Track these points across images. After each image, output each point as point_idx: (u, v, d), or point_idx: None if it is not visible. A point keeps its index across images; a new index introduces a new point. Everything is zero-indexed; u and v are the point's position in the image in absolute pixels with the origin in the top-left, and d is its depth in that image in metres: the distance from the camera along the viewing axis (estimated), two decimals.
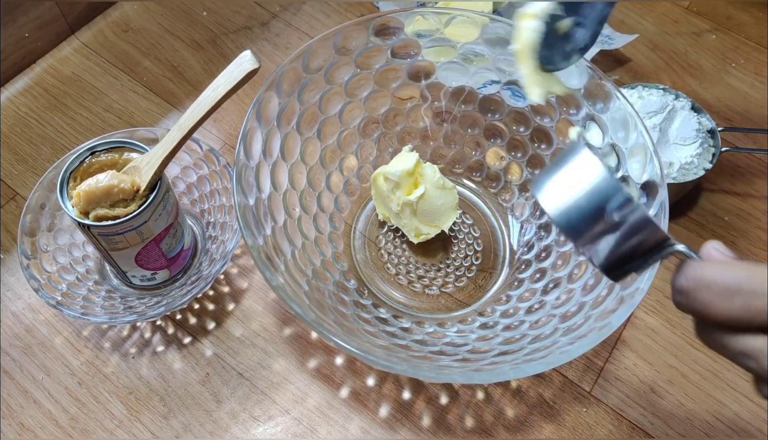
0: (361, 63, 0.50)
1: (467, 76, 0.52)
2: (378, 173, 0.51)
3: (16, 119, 0.61)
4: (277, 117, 0.47)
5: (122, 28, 0.67)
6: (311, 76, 0.48)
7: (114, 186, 0.42)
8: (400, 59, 0.51)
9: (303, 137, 0.50)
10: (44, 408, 0.47)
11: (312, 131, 0.51)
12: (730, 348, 0.25)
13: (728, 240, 0.55)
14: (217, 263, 0.48)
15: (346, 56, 0.49)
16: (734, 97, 0.63)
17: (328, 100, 0.50)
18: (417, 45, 0.50)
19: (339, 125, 0.52)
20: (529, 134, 0.52)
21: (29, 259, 0.48)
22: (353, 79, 0.50)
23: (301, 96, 0.48)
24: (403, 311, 0.50)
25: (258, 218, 0.43)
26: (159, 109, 0.62)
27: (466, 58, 0.50)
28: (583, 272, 0.45)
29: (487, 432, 0.46)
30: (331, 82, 0.50)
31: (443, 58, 0.51)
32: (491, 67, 0.50)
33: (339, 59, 0.49)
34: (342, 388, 0.48)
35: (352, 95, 0.51)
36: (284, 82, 0.46)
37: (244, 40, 0.67)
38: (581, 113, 0.48)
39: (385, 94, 0.53)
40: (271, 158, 0.47)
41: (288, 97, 0.47)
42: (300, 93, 0.48)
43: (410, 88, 0.53)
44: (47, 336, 0.50)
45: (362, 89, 0.52)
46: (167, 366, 0.48)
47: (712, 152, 0.53)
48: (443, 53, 0.50)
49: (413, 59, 0.51)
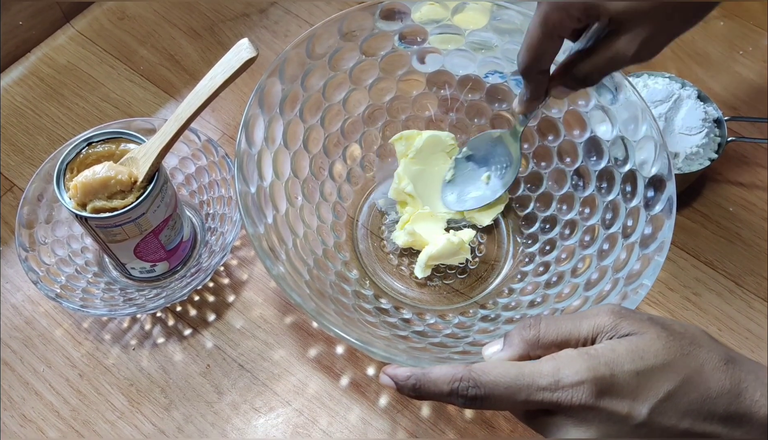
0: (367, 49, 0.49)
1: (475, 64, 0.51)
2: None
3: (12, 108, 0.60)
4: (280, 104, 0.46)
5: (118, 15, 0.66)
6: (315, 62, 0.47)
7: (111, 178, 0.42)
8: (406, 45, 0.50)
9: (306, 124, 0.49)
10: (45, 400, 0.47)
11: (315, 119, 0.50)
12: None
13: (732, 231, 0.54)
14: (217, 254, 0.48)
15: (351, 42, 0.48)
16: (741, 85, 0.63)
17: (332, 87, 0.50)
18: (424, 31, 0.49)
19: (343, 113, 0.52)
20: (536, 124, 0.51)
21: (27, 251, 0.47)
22: (358, 66, 0.50)
23: (305, 82, 0.47)
24: (404, 303, 0.50)
25: (259, 207, 0.42)
26: (156, 98, 0.61)
27: (474, 46, 0.49)
28: (587, 267, 0.45)
29: (487, 423, 0.46)
30: (335, 69, 0.49)
31: (450, 45, 0.50)
32: (499, 56, 0.50)
33: (344, 45, 0.48)
34: (342, 378, 0.48)
35: (356, 82, 0.51)
36: (287, 68, 0.45)
37: (242, 27, 0.66)
38: (590, 104, 0.47)
39: (390, 81, 0.52)
40: (273, 146, 0.46)
41: (291, 84, 0.46)
42: (303, 79, 0.47)
43: (416, 76, 0.52)
44: (47, 327, 0.50)
45: (367, 76, 0.51)
46: (168, 358, 0.48)
47: (717, 141, 0.52)
48: (451, 41, 0.50)
49: (420, 46, 0.50)
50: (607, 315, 0.30)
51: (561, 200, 0.51)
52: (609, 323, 0.29)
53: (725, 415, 0.28)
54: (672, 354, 0.28)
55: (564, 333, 0.30)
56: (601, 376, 0.28)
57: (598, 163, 0.48)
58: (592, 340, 0.30)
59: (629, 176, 0.45)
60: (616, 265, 0.43)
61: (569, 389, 0.28)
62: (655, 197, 0.42)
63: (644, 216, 0.43)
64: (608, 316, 0.30)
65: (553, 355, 0.29)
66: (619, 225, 0.44)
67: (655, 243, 0.41)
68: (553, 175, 0.51)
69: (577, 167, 0.49)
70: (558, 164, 0.51)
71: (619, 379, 0.28)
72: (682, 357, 0.28)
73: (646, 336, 0.29)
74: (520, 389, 0.28)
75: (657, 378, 0.28)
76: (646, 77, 0.55)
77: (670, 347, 0.28)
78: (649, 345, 0.28)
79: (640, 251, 0.41)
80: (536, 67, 0.38)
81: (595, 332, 0.30)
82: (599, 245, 0.45)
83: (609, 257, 0.44)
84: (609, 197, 0.46)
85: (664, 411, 0.28)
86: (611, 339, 0.29)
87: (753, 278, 0.52)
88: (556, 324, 0.30)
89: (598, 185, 0.47)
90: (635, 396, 0.28)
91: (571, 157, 0.50)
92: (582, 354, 0.29)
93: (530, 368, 0.29)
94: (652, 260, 0.40)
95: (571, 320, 0.30)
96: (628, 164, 0.45)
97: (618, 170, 0.46)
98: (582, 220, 0.48)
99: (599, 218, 0.46)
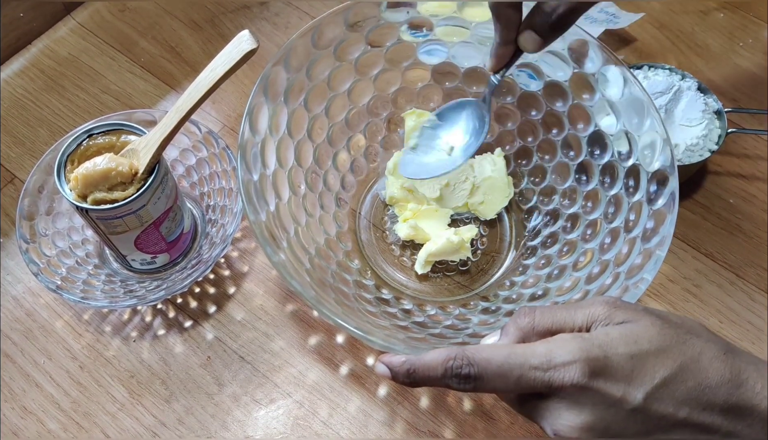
0: (372, 40, 0.49)
1: (481, 56, 0.51)
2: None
3: (13, 100, 0.60)
4: (285, 93, 0.46)
5: (119, 7, 0.66)
6: (321, 52, 0.47)
7: (112, 169, 0.42)
8: (413, 37, 0.50)
9: (311, 113, 0.49)
10: (46, 392, 0.47)
11: (320, 108, 0.50)
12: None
13: (733, 223, 0.54)
14: (218, 246, 0.48)
15: (357, 33, 0.48)
16: (741, 77, 0.62)
17: (338, 77, 0.50)
18: (430, 23, 0.49)
19: (348, 103, 0.51)
20: (540, 118, 0.51)
21: (28, 243, 0.47)
22: (363, 56, 0.50)
23: (310, 72, 0.47)
24: (405, 293, 0.50)
25: (261, 194, 0.42)
26: (157, 90, 0.61)
27: (480, 39, 0.49)
28: (589, 261, 0.45)
29: (487, 415, 0.46)
30: (341, 59, 0.49)
31: (456, 38, 0.50)
32: None
33: (350, 35, 0.48)
34: (342, 368, 0.48)
35: (362, 73, 0.51)
36: (293, 57, 0.45)
37: (242, 19, 0.66)
38: (595, 97, 0.47)
39: (395, 72, 0.52)
40: (277, 134, 0.46)
41: (296, 73, 0.46)
42: (309, 69, 0.47)
43: (421, 67, 0.52)
44: (48, 319, 0.50)
45: (372, 67, 0.51)
46: (168, 350, 0.48)
47: (718, 133, 0.52)
48: (456, 33, 0.49)
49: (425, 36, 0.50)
50: (602, 305, 0.30)
51: (564, 193, 0.50)
52: (603, 313, 0.29)
53: (725, 406, 0.27)
54: (667, 341, 0.28)
55: (559, 321, 0.30)
56: (594, 357, 0.28)
57: (601, 157, 0.47)
58: (587, 329, 0.30)
59: (632, 170, 0.45)
60: (618, 259, 0.43)
61: (561, 368, 0.28)
62: (657, 192, 0.42)
63: (646, 211, 0.42)
64: (603, 306, 0.30)
65: (547, 339, 0.29)
66: (622, 219, 0.44)
67: (656, 237, 0.41)
68: (556, 168, 0.51)
69: (580, 161, 0.49)
70: (562, 157, 0.51)
71: (613, 362, 0.28)
72: (678, 344, 0.28)
73: (640, 323, 0.29)
74: (512, 367, 0.28)
75: (652, 363, 0.28)
76: (646, 69, 0.55)
77: (665, 334, 0.28)
78: (643, 331, 0.28)
79: (642, 245, 0.41)
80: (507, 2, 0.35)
81: (590, 321, 0.30)
82: (601, 238, 0.45)
83: (611, 251, 0.44)
84: (612, 191, 0.46)
85: (661, 397, 0.27)
86: (606, 326, 0.29)
87: (753, 270, 0.52)
88: (551, 313, 0.30)
89: (601, 179, 0.47)
90: (629, 380, 0.27)
91: (574, 150, 0.50)
92: (576, 337, 0.29)
93: (523, 348, 0.29)
94: (654, 255, 0.40)
95: (566, 309, 0.30)
96: (631, 159, 0.45)
97: (621, 165, 0.46)
98: (584, 214, 0.48)
99: (602, 212, 0.46)
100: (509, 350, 0.29)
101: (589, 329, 0.30)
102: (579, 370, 0.27)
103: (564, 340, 0.28)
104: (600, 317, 0.29)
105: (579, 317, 0.30)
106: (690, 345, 0.28)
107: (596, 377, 0.27)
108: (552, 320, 0.30)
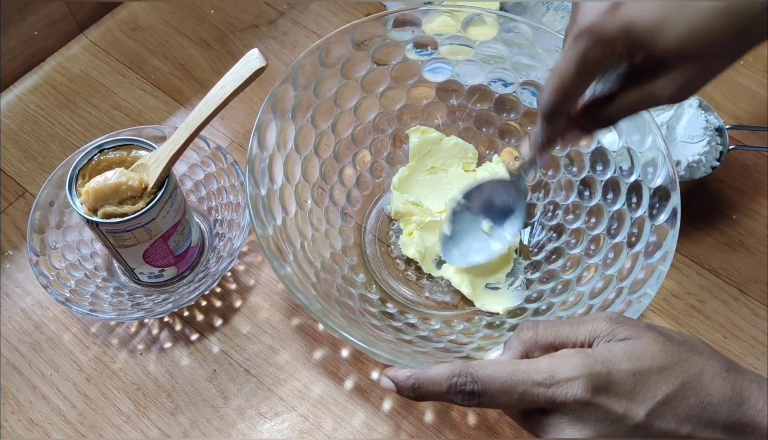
0: (378, 58, 0.50)
1: (484, 74, 0.52)
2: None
3: (26, 116, 0.62)
4: (293, 109, 0.47)
5: (130, 26, 0.68)
6: (328, 70, 0.48)
7: (122, 183, 0.42)
8: (417, 56, 0.51)
9: (318, 129, 0.50)
10: (53, 404, 0.47)
11: (327, 125, 0.51)
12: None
13: (736, 239, 0.54)
14: (225, 260, 0.48)
15: (363, 51, 0.49)
16: (742, 95, 0.63)
17: (344, 95, 0.51)
18: (434, 42, 0.50)
19: (354, 120, 0.53)
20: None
21: (38, 256, 0.48)
22: (369, 74, 0.51)
23: (317, 89, 0.48)
24: (410, 308, 0.50)
25: (269, 209, 0.43)
26: (167, 107, 0.62)
27: (483, 57, 0.50)
28: (592, 276, 0.45)
29: (491, 430, 0.46)
30: (347, 77, 0.50)
31: (460, 56, 0.51)
32: (508, 67, 0.50)
33: (356, 54, 0.49)
34: (346, 382, 0.48)
35: (368, 90, 0.52)
36: (301, 75, 0.47)
37: (251, 38, 0.67)
38: None
39: (401, 89, 0.53)
40: (284, 150, 0.47)
41: (304, 91, 0.47)
42: (316, 86, 0.48)
43: (426, 85, 0.53)
44: (56, 332, 0.50)
45: (378, 84, 0.52)
46: (174, 363, 0.49)
47: (719, 150, 0.53)
48: (461, 52, 0.51)
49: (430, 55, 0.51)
50: (605, 321, 0.30)
51: (567, 209, 0.51)
52: (606, 328, 0.30)
53: (727, 424, 0.28)
54: (670, 358, 0.28)
55: (561, 336, 0.30)
56: (597, 373, 0.28)
57: (604, 173, 0.48)
58: (589, 344, 0.30)
59: (635, 186, 0.45)
60: (621, 274, 0.43)
61: (564, 384, 0.28)
62: (660, 207, 0.42)
63: (649, 226, 0.43)
64: (605, 322, 0.30)
65: (550, 354, 0.30)
66: (624, 235, 0.45)
67: (659, 252, 0.41)
68: (560, 184, 0.52)
69: (583, 177, 0.50)
70: (565, 173, 0.51)
71: (616, 378, 0.28)
72: (680, 361, 0.28)
73: (642, 340, 0.29)
74: (515, 384, 0.29)
75: (654, 380, 0.28)
76: None
77: (667, 350, 0.28)
78: (646, 348, 0.28)
79: (645, 260, 0.42)
80: (563, 108, 0.34)
81: (592, 336, 0.30)
82: (604, 254, 0.46)
83: (614, 266, 0.44)
84: (614, 206, 0.47)
85: (663, 414, 0.28)
86: (608, 342, 0.29)
87: (757, 285, 0.52)
88: (553, 327, 0.31)
89: (603, 195, 0.48)
90: (632, 397, 0.28)
91: (577, 167, 0.50)
92: (579, 353, 0.29)
93: (526, 364, 0.29)
94: (656, 269, 0.40)
95: (569, 324, 0.31)
96: (633, 175, 0.45)
97: (624, 180, 0.46)
98: (588, 229, 0.48)
99: (605, 227, 0.47)
100: (513, 366, 0.29)
101: (591, 344, 0.30)
102: (582, 386, 0.28)
103: (567, 356, 0.29)
104: (602, 333, 0.30)
105: (581, 332, 0.30)
106: (692, 362, 0.28)
107: (599, 393, 0.28)
108: (555, 334, 0.30)
